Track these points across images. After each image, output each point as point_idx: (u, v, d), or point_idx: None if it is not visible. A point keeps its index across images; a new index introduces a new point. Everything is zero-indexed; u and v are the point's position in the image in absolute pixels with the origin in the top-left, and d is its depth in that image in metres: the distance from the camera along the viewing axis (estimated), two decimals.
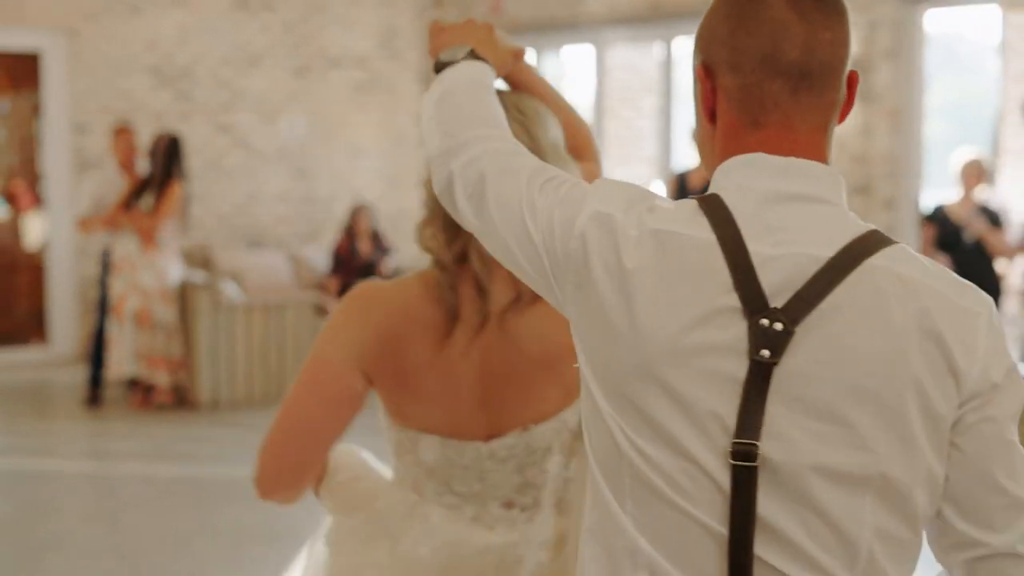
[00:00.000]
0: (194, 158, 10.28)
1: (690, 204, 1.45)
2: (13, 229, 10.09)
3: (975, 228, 7.90)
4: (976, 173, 8.04)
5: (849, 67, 1.49)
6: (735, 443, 1.36)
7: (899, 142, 8.27)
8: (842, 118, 1.51)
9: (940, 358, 1.38)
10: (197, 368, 8.30)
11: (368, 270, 10.21)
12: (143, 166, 8.43)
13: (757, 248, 1.40)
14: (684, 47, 10.78)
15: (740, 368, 1.37)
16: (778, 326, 1.36)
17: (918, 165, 8.40)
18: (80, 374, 9.05)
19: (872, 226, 1.44)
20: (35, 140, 9.98)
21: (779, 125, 1.45)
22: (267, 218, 10.76)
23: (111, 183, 8.45)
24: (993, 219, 7.97)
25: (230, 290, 8.50)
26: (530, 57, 11.32)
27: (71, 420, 8.21)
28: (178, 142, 8.34)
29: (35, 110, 9.93)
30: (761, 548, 1.38)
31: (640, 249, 1.42)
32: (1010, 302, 8.83)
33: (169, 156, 8.26)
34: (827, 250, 1.40)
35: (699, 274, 1.40)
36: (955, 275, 1.44)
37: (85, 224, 8.41)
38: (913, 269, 1.41)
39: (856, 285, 1.38)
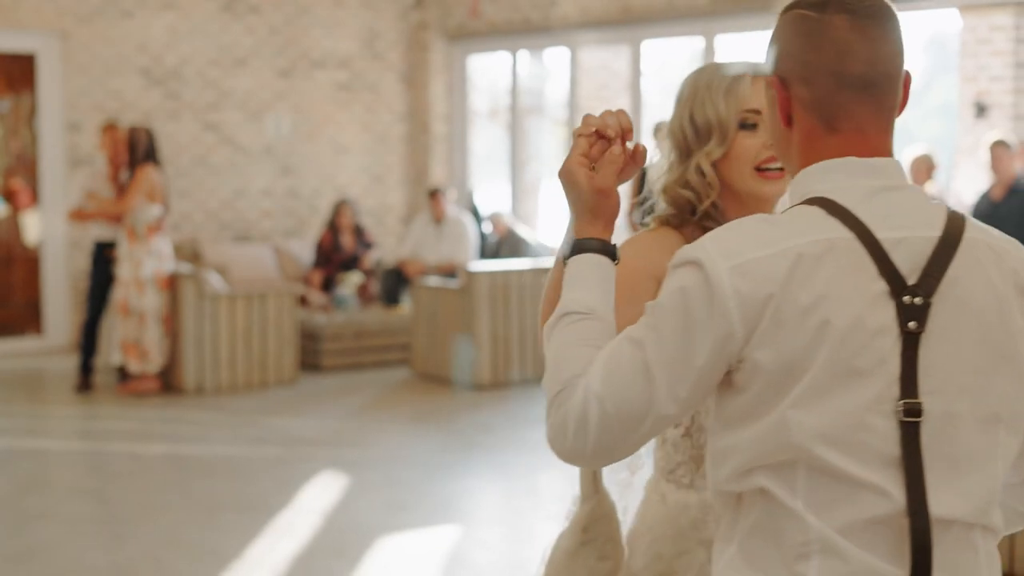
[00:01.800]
0: (182, 155, 10.68)
1: (813, 211, 1.65)
2: (12, 226, 10.41)
3: None
4: (925, 168, 8.41)
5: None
6: (905, 403, 1.59)
7: None
8: (898, 113, 1.74)
9: None
10: (183, 355, 8.68)
11: (351, 263, 10.60)
12: None
13: (882, 236, 1.63)
14: (653, 49, 11.11)
15: (896, 341, 1.61)
16: (918, 301, 1.60)
17: None
18: (73, 362, 9.42)
19: (943, 202, 1.76)
20: (33, 139, 10.33)
21: (852, 131, 1.68)
22: (253, 213, 11.14)
23: (101, 176, 8.84)
24: None
25: (214, 280, 8.88)
26: (506, 59, 11.69)
27: (63, 404, 8.59)
28: (151, 133, 8.67)
29: (31, 110, 10.30)
30: (930, 499, 1.61)
31: (804, 259, 1.61)
32: None
33: (145, 148, 8.59)
34: (934, 230, 1.65)
35: (853, 268, 1.61)
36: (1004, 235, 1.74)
37: (76, 215, 8.80)
38: (992, 237, 1.71)
39: (964, 257, 1.65)
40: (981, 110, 9.68)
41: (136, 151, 8.58)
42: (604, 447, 1.65)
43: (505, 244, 10.65)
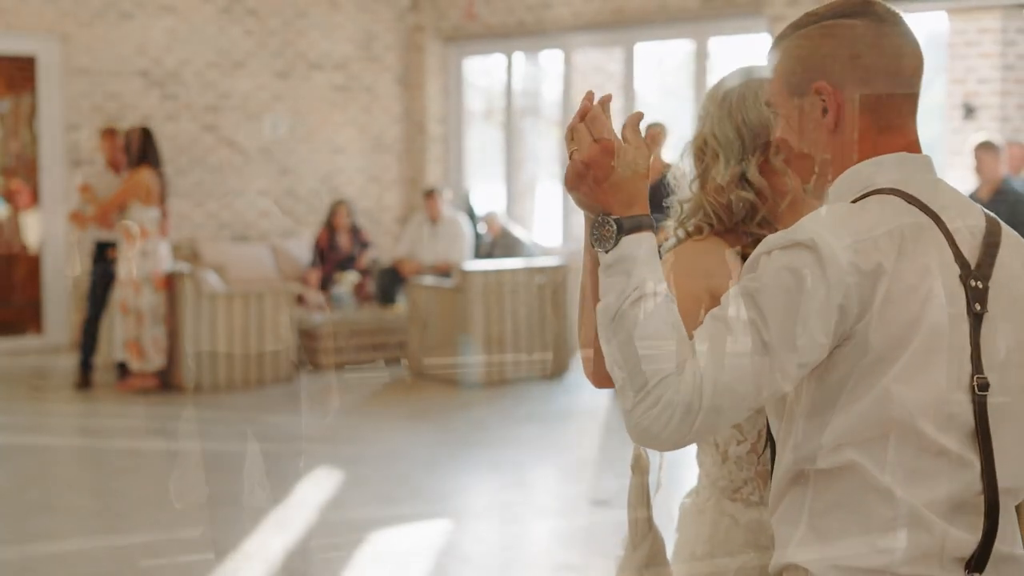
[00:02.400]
0: (181, 156, 10.79)
1: (891, 199, 1.74)
2: (13, 226, 10.49)
3: None
4: None
5: None
6: (978, 378, 1.70)
7: None
8: None
9: None
10: (182, 353, 8.79)
11: (347, 263, 10.71)
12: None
13: (949, 225, 1.74)
14: (646, 51, 11.22)
15: (965, 321, 1.71)
16: (980, 284, 1.72)
17: None
18: (73, 360, 9.52)
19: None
20: (33, 140, 10.43)
21: (902, 128, 1.80)
22: (251, 213, 11.25)
23: (100, 176, 8.95)
24: None
25: (213, 279, 8.99)
26: (501, 61, 11.80)
27: (63, 402, 8.70)
28: (150, 133, 8.78)
29: (31, 111, 10.41)
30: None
31: (906, 241, 1.70)
32: None
33: (142, 148, 8.70)
34: (980, 220, 1.79)
35: (938, 250, 1.72)
36: None
37: (76, 217, 8.92)
38: (1013, 231, 1.85)
39: (1006, 247, 1.78)
40: (969, 112, 9.80)
41: (131, 152, 8.68)
42: (706, 430, 1.66)
43: (499, 244, 10.76)
